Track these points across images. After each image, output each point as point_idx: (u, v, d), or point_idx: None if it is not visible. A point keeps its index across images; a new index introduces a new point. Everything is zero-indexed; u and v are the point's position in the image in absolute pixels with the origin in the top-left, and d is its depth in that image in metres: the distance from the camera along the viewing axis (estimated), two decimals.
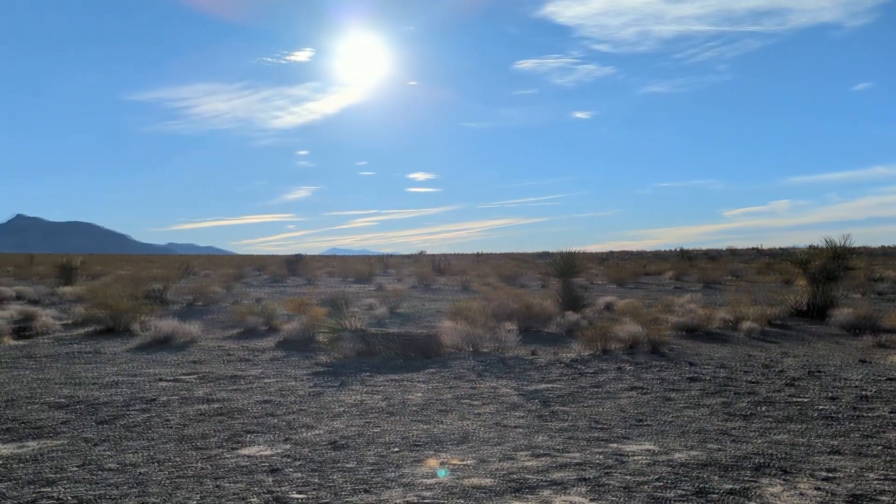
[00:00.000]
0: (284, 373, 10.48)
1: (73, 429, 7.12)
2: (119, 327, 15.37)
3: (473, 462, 5.88)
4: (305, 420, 7.47)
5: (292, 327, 14.25)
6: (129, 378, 9.98)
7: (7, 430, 7.07)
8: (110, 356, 12.14)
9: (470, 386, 9.36)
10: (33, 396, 8.64)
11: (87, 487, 5.27)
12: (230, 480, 5.42)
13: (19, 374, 10.24)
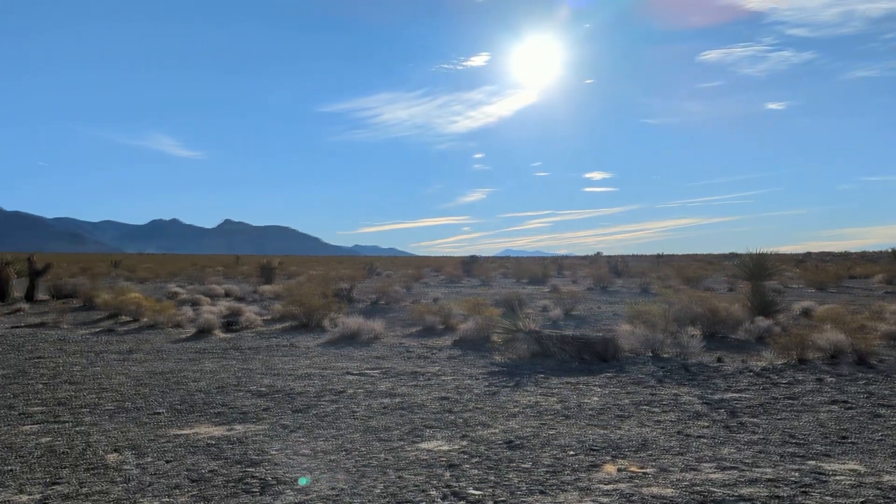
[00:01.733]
0: (461, 371, 10.73)
1: (272, 415, 7.77)
2: (311, 323, 16.57)
3: (653, 471, 5.65)
4: (481, 418, 7.59)
5: (468, 327, 14.56)
6: (321, 371, 10.72)
7: (218, 413, 7.87)
8: (304, 350, 13.12)
9: (649, 392, 9.02)
10: (239, 385, 9.55)
11: (284, 470, 5.73)
12: (411, 472, 5.64)
13: (228, 364, 11.37)
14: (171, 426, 7.27)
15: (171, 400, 8.54)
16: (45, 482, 5.41)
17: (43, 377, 10.06)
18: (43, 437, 6.78)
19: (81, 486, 5.30)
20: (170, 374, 10.39)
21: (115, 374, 10.32)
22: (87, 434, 6.89)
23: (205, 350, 13.05)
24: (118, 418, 7.60)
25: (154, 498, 5.06)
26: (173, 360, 11.85)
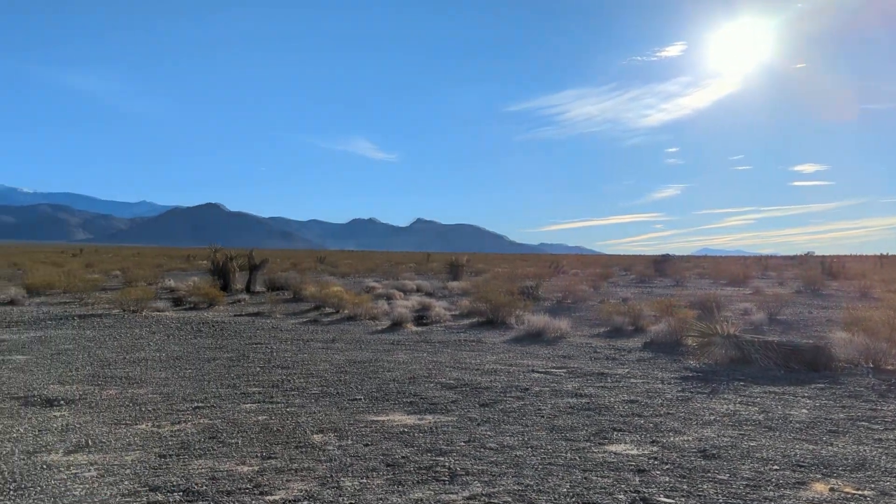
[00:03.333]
0: (651, 374, 10.34)
1: (460, 408, 8.00)
2: (497, 320, 16.83)
3: (872, 493, 5.08)
4: (673, 424, 7.27)
5: (659, 329, 13.99)
6: (506, 367, 10.86)
7: (410, 403, 8.25)
8: (490, 346, 13.37)
9: (869, 407, 8.11)
10: (430, 376, 9.94)
11: (472, 462, 5.88)
12: (598, 474, 5.54)
13: (419, 356, 11.88)
14: (368, 412, 7.75)
15: (368, 388, 9.10)
16: (262, 456, 6.00)
17: (259, 361, 11.15)
18: (260, 415, 7.53)
19: (291, 462, 5.82)
20: (367, 363, 11.07)
21: (319, 361, 11.19)
22: (297, 415, 7.54)
23: (398, 342, 13.74)
24: (322, 402, 8.24)
25: (354, 478, 5.42)
26: (370, 350, 12.61)
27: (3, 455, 5.87)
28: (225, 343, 13.23)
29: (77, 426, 6.89)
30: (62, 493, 4.98)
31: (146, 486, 5.15)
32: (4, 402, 7.96)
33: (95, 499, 4.89)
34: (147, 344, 12.93)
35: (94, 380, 9.36)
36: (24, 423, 7.00)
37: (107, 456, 5.91)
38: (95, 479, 5.29)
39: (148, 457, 5.90)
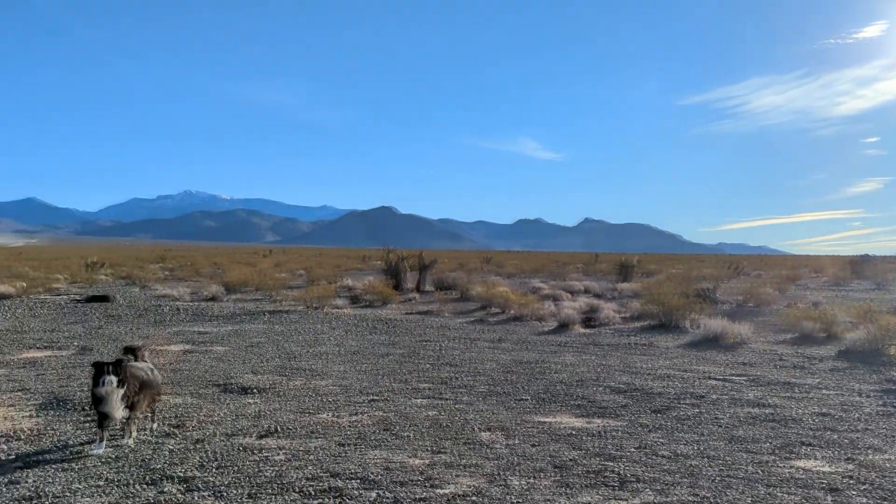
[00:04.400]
0: (846, 386, 9.42)
1: (630, 413, 7.76)
2: (670, 323, 16.13)
3: None
4: (872, 441, 6.58)
5: (857, 336, 12.70)
6: (680, 373, 10.37)
7: (578, 405, 8.13)
8: (662, 350, 12.84)
9: None
10: (598, 379, 9.74)
11: (642, 469, 5.68)
12: (783, 490, 5.14)
13: (586, 359, 11.67)
14: (535, 413, 7.74)
15: (535, 388, 9.09)
16: (432, 450, 6.20)
17: (429, 358, 11.51)
18: (430, 410, 7.77)
19: (461, 458, 5.95)
20: (533, 363, 11.05)
21: (486, 360, 11.34)
22: (465, 412, 7.70)
23: (565, 343, 13.59)
24: (489, 400, 8.34)
25: (521, 477, 5.44)
26: (536, 350, 12.59)
27: (207, 436, 6.52)
28: (397, 340, 13.80)
29: (268, 413, 7.50)
30: (255, 474, 5.44)
31: (327, 472, 5.50)
32: (207, 388, 8.84)
33: (283, 480, 5.30)
34: (328, 339, 13.79)
35: (282, 371, 10.14)
36: (224, 408, 7.74)
37: (293, 442, 6.38)
38: (283, 463, 5.73)
39: (329, 445, 6.30)
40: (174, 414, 7.36)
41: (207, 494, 5.00)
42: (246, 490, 5.09)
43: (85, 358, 11.04)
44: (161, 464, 5.65)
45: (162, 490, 5.06)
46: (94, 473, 5.41)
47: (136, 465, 5.64)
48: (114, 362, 5.99)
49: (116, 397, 5.86)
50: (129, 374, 6.08)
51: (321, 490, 5.11)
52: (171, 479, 5.30)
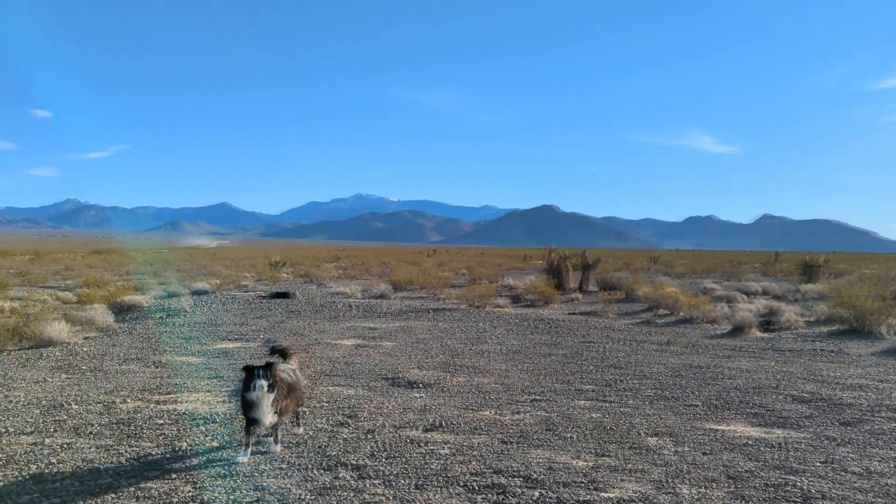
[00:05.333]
0: None
1: (815, 424, 7.15)
2: (863, 328, 14.66)
3: None
4: None
5: None
6: (875, 383, 9.41)
7: (755, 414, 7.62)
8: (854, 357, 11.70)
9: None
10: (778, 387, 9.06)
11: (829, 485, 5.22)
12: None
13: (765, 365, 10.90)
14: (707, 420, 7.35)
15: (706, 394, 8.63)
16: (596, 452, 6.08)
17: (592, 360, 11.30)
18: (593, 412, 7.63)
19: (626, 462, 5.79)
20: (705, 368, 10.50)
21: (653, 363, 10.94)
22: (630, 416, 7.47)
23: (740, 348, 12.78)
24: (657, 405, 8.04)
25: (691, 486, 5.19)
26: (708, 355, 11.94)
27: (377, 427, 6.85)
28: (559, 340, 13.68)
29: (433, 407, 7.73)
30: (422, 466, 5.64)
31: (491, 469, 5.57)
32: (377, 381, 9.27)
33: (448, 474, 5.44)
34: (490, 337, 13.96)
35: (446, 367, 10.41)
36: (392, 401, 8.08)
37: (457, 437, 6.53)
38: (448, 457, 5.88)
39: (492, 441, 6.38)
40: (347, 405, 7.80)
41: (378, 483, 5.25)
42: (413, 481, 5.28)
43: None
44: (336, 451, 6.01)
45: (337, 476, 5.38)
46: (278, 456, 5.86)
47: (314, 451, 6.03)
48: (264, 366, 5.73)
49: (267, 402, 5.65)
50: (279, 379, 5.84)
51: (485, 485, 5.19)
52: (346, 465, 5.62)
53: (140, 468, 5.54)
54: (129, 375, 9.63)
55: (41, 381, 9.29)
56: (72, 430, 6.64)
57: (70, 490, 5.05)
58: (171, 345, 12.61)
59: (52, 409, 7.53)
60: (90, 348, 12.20)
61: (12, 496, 4.94)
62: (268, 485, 5.16)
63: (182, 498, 4.89)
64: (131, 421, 6.99)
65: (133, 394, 8.30)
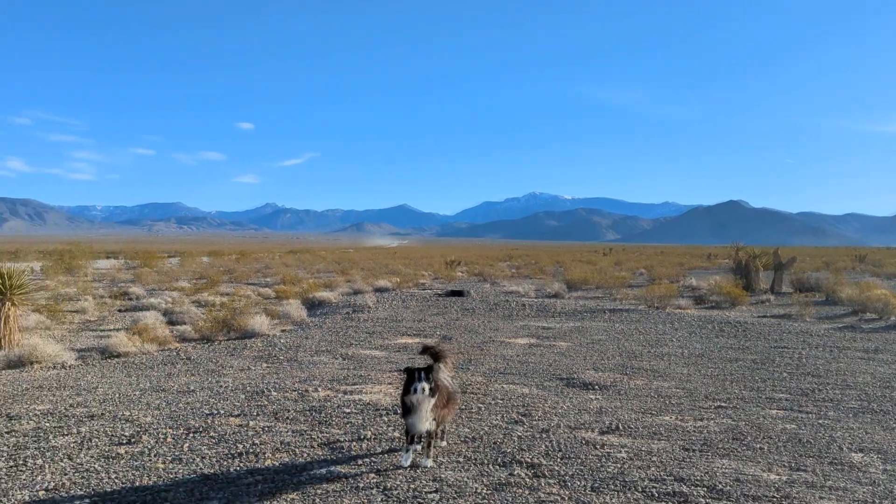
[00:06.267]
0: None
1: None
2: None
3: None
4: None
5: None
6: None
7: None
8: None
9: None
10: None
11: None
12: None
13: None
14: None
15: None
16: (790, 466, 5.62)
17: (786, 366, 10.45)
18: (787, 423, 7.06)
19: (825, 479, 5.30)
20: None
21: (858, 373, 9.91)
22: (831, 428, 6.83)
23: None
24: (862, 418, 7.28)
25: None
26: None
27: (551, 427, 6.82)
28: (748, 344, 12.79)
29: (609, 410, 7.56)
30: (598, 468, 5.53)
31: (671, 476, 5.34)
32: (551, 381, 9.23)
33: (626, 478, 5.29)
34: (670, 340, 13.38)
35: (623, 369, 10.12)
36: (567, 401, 8.00)
37: (635, 441, 6.33)
38: (626, 461, 5.72)
39: (672, 448, 6.11)
40: (521, 403, 7.83)
41: (553, 482, 5.22)
42: (589, 483, 5.20)
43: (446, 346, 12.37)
44: (511, 448, 6.06)
45: (512, 472, 5.43)
46: (456, 450, 6.02)
47: (489, 446, 6.13)
48: (425, 368, 5.45)
49: (427, 407, 5.34)
50: (440, 384, 5.53)
51: (665, 493, 4.99)
52: (520, 463, 5.65)
53: (330, 453, 5.95)
54: (320, 366, 10.36)
55: (245, 368, 10.26)
56: (272, 415, 7.26)
57: (271, 469, 5.53)
58: (357, 339, 13.39)
59: (255, 394, 8.29)
60: (286, 340, 13.27)
61: (223, 472, 5.50)
62: (446, 476, 5.32)
63: (367, 483, 5.18)
64: (322, 409, 7.51)
65: (324, 383, 8.92)
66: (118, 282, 30.24)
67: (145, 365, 10.71)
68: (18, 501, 4.83)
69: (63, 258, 38.96)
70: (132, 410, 7.47)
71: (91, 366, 10.78)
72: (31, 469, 5.54)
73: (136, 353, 12.06)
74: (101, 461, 5.73)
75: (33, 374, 9.99)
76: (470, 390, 8.52)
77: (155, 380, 9.38)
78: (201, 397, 8.14)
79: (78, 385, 8.98)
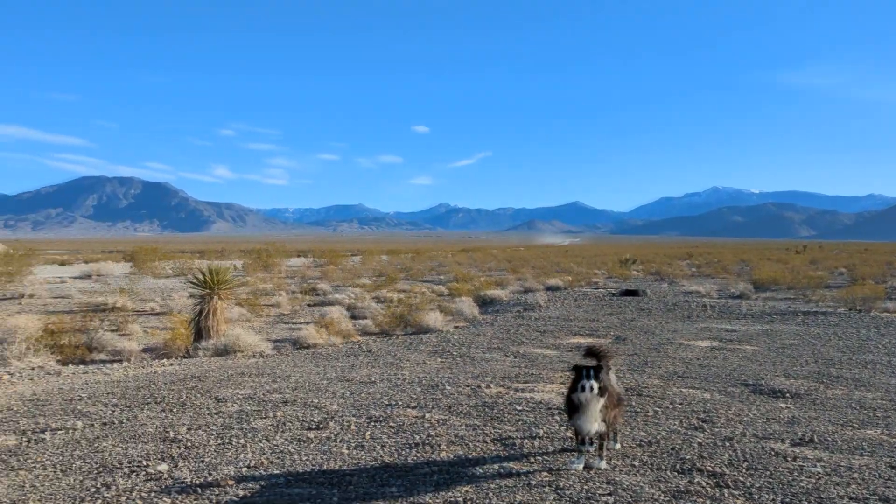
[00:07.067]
0: None
1: None
2: None
3: None
4: None
5: None
6: None
7: None
8: None
9: None
10: None
11: None
12: None
13: None
14: None
15: None
16: None
17: None
18: None
19: None
20: None
21: None
22: None
23: None
24: None
25: None
26: None
27: (735, 435, 6.41)
28: None
29: (802, 420, 6.96)
30: (789, 482, 5.12)
31: (875, 495, 4.82)
32: (735, 387, 8.67)
33: (822, 495, 4.85)
34: (875, 346, 12.09)
35: (819, 377, 9.28)
36: (753, 409, 7.48)
37: (833, 455, 5.79)
38: (822, 476, 5.25)
39: (877, 465, 5.51)
40: (702, 409, 7.44)
41: (738, 493, 4.91)
42: (779, 497, 4.83)
43: (620, 347, 12.04)
44: (691, 455, 5.78)
45: (692, 480, 5.17)
46: (630, 454, 5.84)
47: (667, 452, 5.88)
48: (595, 367, 5.31)
49: (596, 407, 5.20)
50: (610, 385, 5.42)
51: None
52: (701, 471, 5.37)
53: (502, 449, 6.01)
54: (492, 363, 10.50)
55: (421, 362, 10.65)
56: (446, 409, 7.48)
57: (445, 461, 5.70)
58: (528, 337, 13.42)
59: (430, 388, 8.58)
60: (459, 336, 13.61)
61: (401, 461, 5.75)
62: (620, 480, 5.18)
63: (540, 481, 5.17)
64: (494, 405, 7.62)
65: (495, 380, 9.04)
66: (307, 278, 32.65)
67: (331, 356, 11.47)
68: (225, 476, 5.36)
69: (260, 257, 42.74)
70: (320, 398, 8.03)
71: (285, 355, 11.73)
72: (235, 447, 6.13)
73: (323, 344, 12.96)
74: (294, 444, 6.22)
75: (236, 362, 11.05)
76: (646, 393, 8.24)
77: (340, 370, 10.01)
78: (381, 388, 8.57)
79: (274, 373, 9.81)
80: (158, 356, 12.46)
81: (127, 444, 6.28)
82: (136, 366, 11.01)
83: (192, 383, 9.06)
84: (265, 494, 4.97)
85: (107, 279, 32.14)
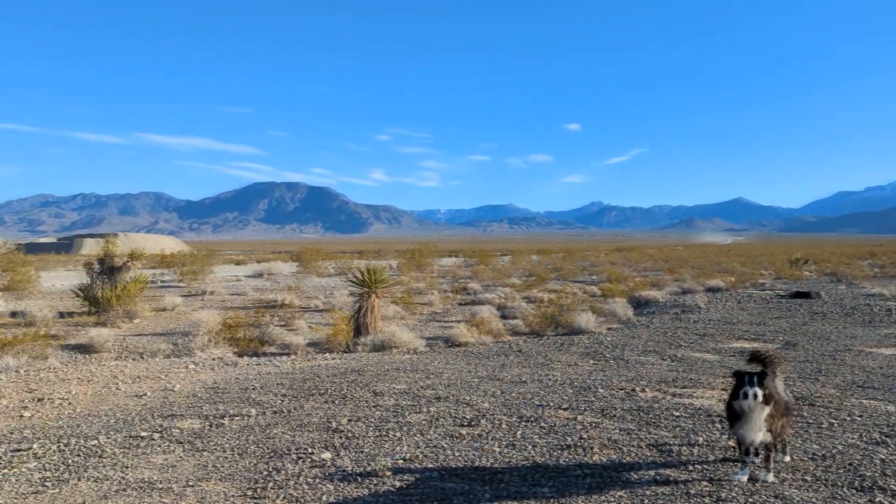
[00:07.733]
0: None
1: None
2: None
3: None
4: None
5: None
6: None
7: None
8: None
9: None
10: None
11: None
12: None
13: None
14: None
15: None
16: None
17: None
18: None
19: None
20: None
21: None
22: None
23: None
24: None
25: None
26: None
27: None
28: None
29: None
30: None
31: None
32: None
33: None
34: None
35: None
36: None
37: None
38: None
39: None
40: (886, 422, 6.76)
41: None
42: None
43: (790, 353, 11.21)
44: (872, 472, 5.27)
45: (873, 499, 4.72)
46: (802, 467, 5.42)
47: (843, 467, 5.40)
48: (759, 373, 5.03)
49: (759, 416, 4.90)
50: (775, 393, 5.08)
51: None
52: (884, 490, 4.88)
53: (658, 455, 5.80)
54: (647, 366, 10.15)
55: (573, 364, 10.51)
56: (598, 411, 7.33)
57: (598, 465, 5.59)
58: (686, 340, 12.84)
59: (582, 390, 8.45)
60: (612, 338, 13.28)
61: (552, 462, 5.71)
62: (790, 495, 4.82)
63: (699, 491, 4.94)
64: (650, 409, 7.36)
65: (651, 384, 8.73)
66: (458, 278, 33.27)
67: (482, 355, 11.61)
68: (383, 467, 5.60)
69: (414, 257, 44.12)
70: (472, 396, 8.16)
71: (437, 353, 12.03)
72: (391, 440, 6.38)
73: (474, 343, 13.15)
74: (447, 439, 6.36)
75: (392, 358, 11.48)
76: (819, 403, 7.61)
77: (490, 369, 10.11)
78: (532, 388, 8.56)
79: (427, 369, 10.09)
80: (322, 350, 13.24)
81: (294, 432, 6.73)
82: (302, 359, 11.76)
83: (351, 377, 9.54)
84: (420, 487, 5.13)
85: (276, 278, 34.61)
